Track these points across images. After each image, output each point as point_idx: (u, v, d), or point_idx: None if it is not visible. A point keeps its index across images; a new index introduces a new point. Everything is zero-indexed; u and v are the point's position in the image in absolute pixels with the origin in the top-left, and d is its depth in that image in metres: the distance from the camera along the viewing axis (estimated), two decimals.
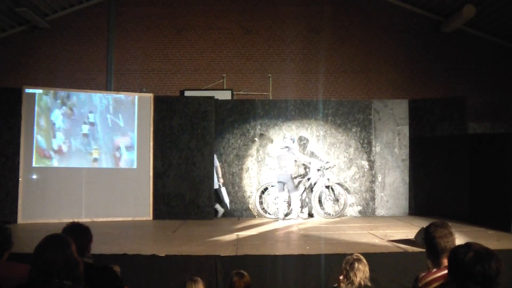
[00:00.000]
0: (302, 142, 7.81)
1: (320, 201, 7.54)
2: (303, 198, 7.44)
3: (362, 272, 2.90)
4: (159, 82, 10.77)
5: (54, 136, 6.97)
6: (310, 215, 7.58)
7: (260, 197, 7.55)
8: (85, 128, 7.15)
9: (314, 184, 7.46)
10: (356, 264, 2.91)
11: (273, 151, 7.65)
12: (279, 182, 7.18)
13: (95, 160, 7.16)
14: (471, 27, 10.98)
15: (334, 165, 7.66)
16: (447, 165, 7.28)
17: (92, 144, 7.14)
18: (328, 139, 7.83)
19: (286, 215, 7.41)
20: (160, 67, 10.82)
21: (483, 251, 1.77)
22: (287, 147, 7.11)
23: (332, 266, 4.16)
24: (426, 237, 2.46)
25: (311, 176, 7.45)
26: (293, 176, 7.23)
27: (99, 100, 7.28)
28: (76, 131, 7.10)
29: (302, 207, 7.40)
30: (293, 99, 8.83)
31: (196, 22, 10.96)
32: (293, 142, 7.28)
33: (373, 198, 7.75)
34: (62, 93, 7.13)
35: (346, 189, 7.61)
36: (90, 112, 7.18)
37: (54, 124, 6.98)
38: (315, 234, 5.83)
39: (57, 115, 7.01)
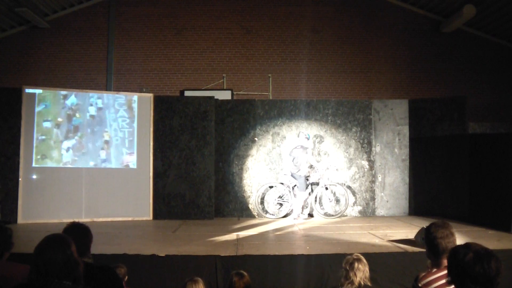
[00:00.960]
0: (317, 140, 7.79)
1: (320, 201, 7.54)
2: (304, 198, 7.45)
3: (362, 272, 2.90)
4: (159, 82, 10.77)
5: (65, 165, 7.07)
6: (310, 215, 7.58)
7: (261, 197, 7.55)
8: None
9: (315, 184, 7.46)
10: (356, 264, 2.91)
11: (286, 149, 7.65)
12: (291, 176, 7.26)
13: (107, 142, 7.19)
14: (471, 27, 10.98)
15: (337, 169, 7.63)
16: (447, 165, 7.28)
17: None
18: (328, 139, 7.83)
19: (286, 215, 7.42)
20: (160, 67, 10.82)
21: (483, 252, 1.77)
22: (301, 145, 7.15)
23: (332, 266, 4.16)
24: (427, 237, 2.45)
25: (310, 176, 7.44)
26: (305, 175, 7.23)
27: (114, 133, 7.30)
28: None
29: (303, 207, 7.40)
30: (293, 99, 8.83)
31: (196, 22, 10.96)
32: (308, 139, 7.28)
33: (373, 198, 7.75)
34: (70, 125, 7.11)
35: (349, 188, 7.62)
36: (102, 149, 7.25)
37: (62, 155, 7.03)
38: (315, 234, 5.83)
39: (67, 145, 7.08)
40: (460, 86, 10.78)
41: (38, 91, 7.02)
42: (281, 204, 7.52)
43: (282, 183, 7.50)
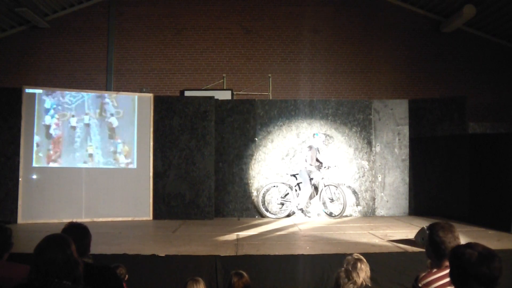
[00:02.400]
0: (327, 140, 7.79)
1: (323, 201, 7.52)
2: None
3: (364, 272, 2.89)
4: (159, 82, 10.77)
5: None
6: (306, 215, 7.57)
7: (263, 197, 7.52)
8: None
9: (316, 184, 7.44)
10: (359, 264, 2.90)
11: (286, 148, 7.80)
12: (292, 175, 7.45)
13: (90, 156, 7.15)
14: (471, 27, 10.98)
15: (329, 167, 7.56)
16: (447, 165, 7.28)
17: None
18: (328, 139, 7.82)
19: (289, 215, 7.40)
20: (160, 67, 10.82)
21: (486, 252, 1.77)
22: (310, 145, 7.34)
23: (332, 266, 4.15)
24: (432, 239, 2.39)
25: (313, 177, 7.41)
26: (308, 171, 7.27)
27: (98, 143, 7.27)
28: None
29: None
30: (293, 99, 8.83)
31: (196, 22, 10.96)
32: (316, 138, 7.38)
33: (373, 198, 7.74)
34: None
35: (349, 187, 7.62)
36: (84, 162, 7.18)
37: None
38: (315, 234, 5.83)
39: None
40: (460, 86, 10.78)
41: (38, 91, 7.01)
42: (283, 204, 7.51)
43: (284, 183, 7.48)
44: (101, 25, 10.86)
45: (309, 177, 7.30)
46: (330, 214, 7.41)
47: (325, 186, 7.34)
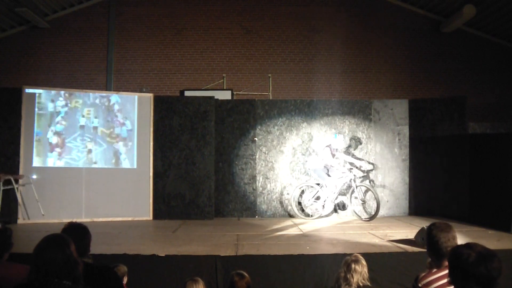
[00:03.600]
0: (354, 143, 7.75)
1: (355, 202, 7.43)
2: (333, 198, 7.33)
3: (359, 273, 2.91)
4: (159, 82, 10.77)
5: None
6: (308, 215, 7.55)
7: (297, 198, 7.41)
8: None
9: (345, 184, 7.35)
10: (353, 266, 2.92)
11: (287, 149, 7.77)
12: (313, 171, 7.43)
13: (90, 151, 7.13)
14: (471, 27, 10.99)
15: (361, 166, 7.50)
16: (447, 165, 7.28)
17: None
18: (328, 139, 7.81)
19: (321, 215, 7.29)
20: (160, 67, 10.82)
21: (485, 252, 1.77)
22: (329, 145, 7.27)
23: (332, 266, 4.16)
24: (429, 240, 2.41)
25: (342, 176, 7.23)
26: (327, 168, 7.21)
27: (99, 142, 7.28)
28: None
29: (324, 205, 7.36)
30: (293, 99, 8.82)
31: (196, 22, 10.97)
32: (335, 139, 7.33)
33: (373, 198, 7.72)
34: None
35: (383, 186, 7.61)
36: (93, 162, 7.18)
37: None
38: (315, 234, 5.83)
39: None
40: (460, 86, 10.79)
41: (38, 91, 7.01)
42: (316, 205, 7.34)
43: (318, 184, 7.35)
44: (101, 25, 10.87)
45: (328, 175, 7.21)
46: (362, 216, 7.24)
47: (356, 187, 7.17)
